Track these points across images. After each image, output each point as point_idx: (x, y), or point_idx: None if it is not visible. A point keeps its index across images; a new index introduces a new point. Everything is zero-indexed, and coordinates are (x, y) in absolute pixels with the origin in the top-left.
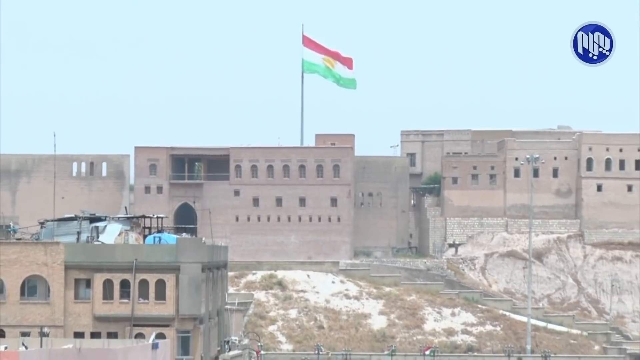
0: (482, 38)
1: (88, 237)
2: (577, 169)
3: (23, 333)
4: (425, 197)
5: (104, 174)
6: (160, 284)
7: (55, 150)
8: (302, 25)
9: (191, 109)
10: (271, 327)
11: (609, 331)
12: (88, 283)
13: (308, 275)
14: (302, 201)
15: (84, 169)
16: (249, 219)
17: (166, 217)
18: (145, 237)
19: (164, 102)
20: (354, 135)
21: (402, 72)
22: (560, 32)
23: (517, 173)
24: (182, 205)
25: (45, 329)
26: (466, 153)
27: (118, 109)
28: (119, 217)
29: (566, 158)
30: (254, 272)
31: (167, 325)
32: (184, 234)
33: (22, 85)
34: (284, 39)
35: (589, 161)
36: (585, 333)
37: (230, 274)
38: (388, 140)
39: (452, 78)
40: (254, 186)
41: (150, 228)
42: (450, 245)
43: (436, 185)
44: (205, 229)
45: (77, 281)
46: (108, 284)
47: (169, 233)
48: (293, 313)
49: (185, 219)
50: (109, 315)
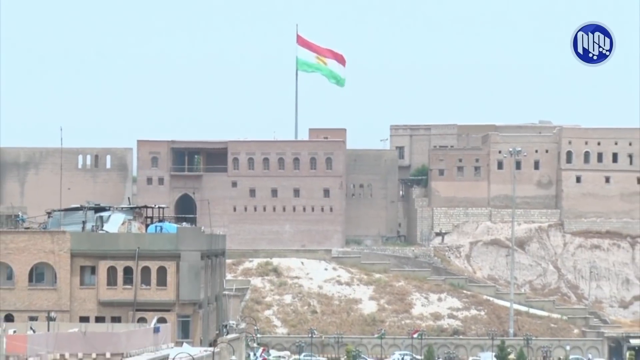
0: (468, 38)
1: (93, 226)
2: (557, 162)
3: (31, 317)
4: (413, 188)
5: (108, 166)
6: (162, 271)
7: (61, 144)
8: (297, 25)
9: (191, 105)
10: (267, 312)
11: (587, 315)
12: (93, 270)
13: (302, 263)
14: (297, 192)
15: (89, 162)
16: (245, 209)
17: (167, 207)
18: (147, 226)
19: (165, 98)
20: (345, 130)
21: (391, 69)
22: (546, 32)
23: (500, 165)
24: (182, 196)
25: (52, 314)
26: (452, 146)
27: (121, 105)
28: (122, 207)
29: (547, 151)
30: (250, 259)
31: (168, 310)
32: (184, 223)
33: (30, 83)
34: (279, 39)
35: (569, 154)
36: (565, 317)
37: (228, 261)
38: (378, 134)
39: (439, 75)
40: (251, 178)
41: (152, 218)
42: (437, 234)
43: (423, 177)
44: (205, 219)
45: (82, 268)
46: (112, 271)
47: (169, 222)
48: (288, 298)
49: (185, 209)
50: (113, 301)
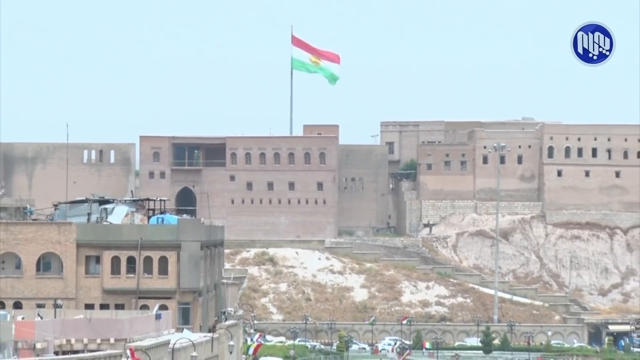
0: (455, 39)
1: (97, 218)
2: (539, 156)
3: (38, 305)
4: (402, 182)
5: (112, 160)
6: (163, 261)
7: (67, 139)
8: (292, 26)
9: (191, 102)
10: (263, 300)
11: (568, 303)
12: (97, 259)
13: (297, 253)
14: (292, 185)
15: (94, 156)
16: (243, 202)
17: (168, 200)
18: (149, 218)
19: (166, 96)
20: (338, 126)
21: (382, 68)
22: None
23: (485, 160)
24: (182, 189)
25: (59, 301)
26: (439, 142)
27: (125, 102)
28: (125, 200)
29: (530, 146)
30: (247, 249)
31: (169, 298)
32: (185, 215)
33: (37, 81)
34: (275, 39)
35: (550, 149)
36: (546, 304)
37: (226, 251)
38: (369, 130)
39: (427, 74)
40: (248, 172)
41: (154, 210)
42: (425, 225)
43: (412, 171)
44: (204, 211)
45: (87, 258)
46: (116, 261)
47: (170, 214)
48: (283, 287)
49: (186, 202)
50: (117, 289)
